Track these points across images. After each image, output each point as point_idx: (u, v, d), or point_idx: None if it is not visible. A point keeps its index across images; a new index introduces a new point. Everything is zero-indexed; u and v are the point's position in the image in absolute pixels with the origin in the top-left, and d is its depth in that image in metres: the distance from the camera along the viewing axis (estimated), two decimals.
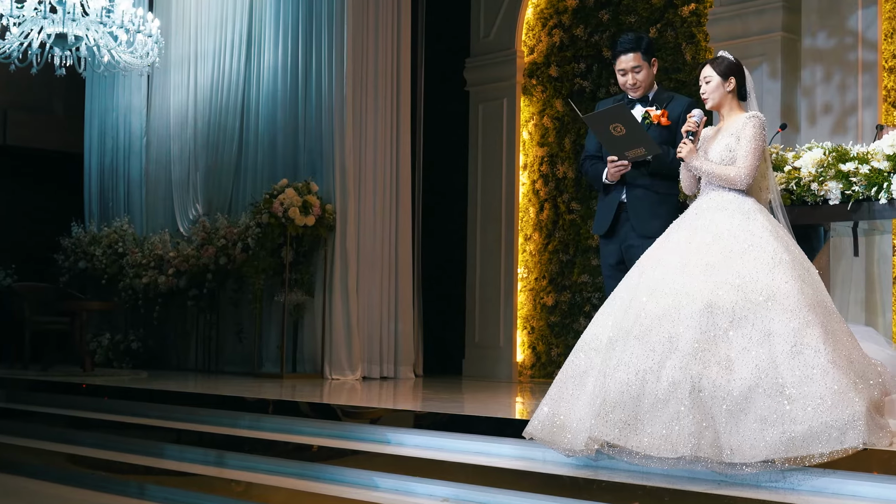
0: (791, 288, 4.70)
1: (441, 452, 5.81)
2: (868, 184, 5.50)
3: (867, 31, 8.57)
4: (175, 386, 9.02)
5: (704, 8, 9.87)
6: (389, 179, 10.76)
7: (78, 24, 9.92)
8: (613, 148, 5.78)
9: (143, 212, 13.06)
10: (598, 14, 10.81)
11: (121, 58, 10.32)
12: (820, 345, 4.55)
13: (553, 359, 10.73)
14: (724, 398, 4.49)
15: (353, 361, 10.20)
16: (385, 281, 10.64)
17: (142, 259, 12.21)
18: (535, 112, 11.32)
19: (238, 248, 10.93)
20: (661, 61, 9.87)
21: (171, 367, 12.19)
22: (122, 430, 7.73)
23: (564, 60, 11.07)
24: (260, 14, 11.54)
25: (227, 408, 7.60)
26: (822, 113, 8.66)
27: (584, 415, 4.82)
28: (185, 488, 6.37)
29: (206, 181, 12.18)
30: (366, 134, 10.56)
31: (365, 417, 6.72)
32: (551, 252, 11.03)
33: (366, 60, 10.60)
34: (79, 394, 9.12)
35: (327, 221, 10.29)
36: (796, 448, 4.35)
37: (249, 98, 11.65)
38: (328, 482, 5.94)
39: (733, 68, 5.31)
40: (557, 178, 11.01)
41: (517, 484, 5.10)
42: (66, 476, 7.11)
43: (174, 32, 12.63)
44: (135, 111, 13.21)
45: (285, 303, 10.42)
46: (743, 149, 5.13)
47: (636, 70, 5.94)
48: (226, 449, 6.74)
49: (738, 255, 4.85)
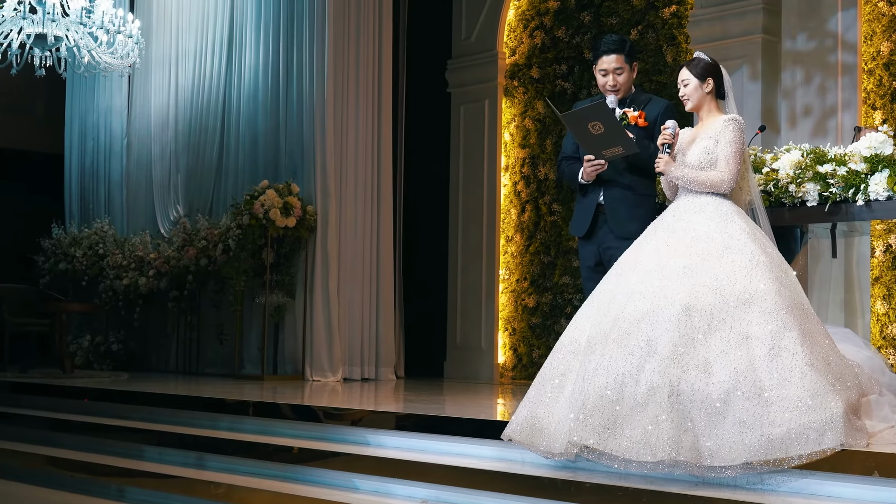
0: (769, 290, 4.70)
1: (421, 454, 5.80)
2: (845, 185, 5.53)
3: (847, 34, 8.59)
4: (155, 388, 8.98)
5: (685, 10, 9.90)
6: (371, 181, 10.74)
7: (58, 24, 9.89)
8: (590, 147, 5.75)
9: (123, 213, 13.02)
10: (580, 16, 10.83)
11: (101, 58, 10.28)
12: (798, 347, 4.56)
13: (534, 360, 10.74)
14: (702, 401, 4.49)
15: (334, 363, 10.19)
16: (366, 282, 10.62)
17: (122, 260, 12.17)
18: (516, 114, 11.33)
19: (219, 250, 10.90)
20: (642, 63, 9.92)
21: (151, 369, 12.16)
22: (103, 432, 7.70)
23: (546, 62, 11.08)
24: (241, 15, 11.53)
25: (208, 410, 7.58)
26: (802, 115, 8.69)
27: (562, 417, 4.81)
28: (165, 490, 6.34)
29: (187, 182, 12.16)
30: (347, 135, 10.55)
31: (345, 419, 6.71)
32: (532, 253, 11.04)
33: (347, 62, 10.59)
34: (59, 396, 9.10)
35: (308, 223, 10.28)
36: (775, 450, 4.35)
37: (230, 99, 11.64)
38: (308, 484, 5.93)
39: (710, 69, 5.31)
40: (539, 180, 11.03)
41: (496, 485, 5.10)
42: (46, 478, 7.07)
43: (155, 33, 12.61)
44: (115, 112, 13.18)
45: (266, 304, 10.41)
46: (724, 153, 5.12)
47: (618, 72, 5.94)
48: (206, 451, 6.72)
49: (716, 257, 4.85)
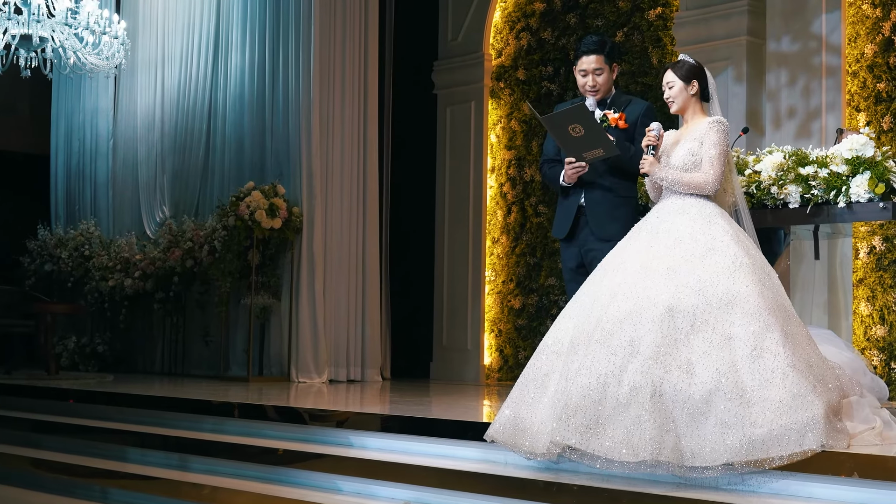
0: (751, 291, 4.71)
1: (404, 455, 5.80)
2: (827, 187, 5.55)
3: (831, 36, 8.62)
4: (140, 389, 8.96)
5: (671, 12, 9.92)
6: (357, 182, 10.73)
7: (43, 25, 9.87)
8: (571, 149, 5.75)
9: (109, 214, 13.00)
10: (566, 17, 10.85)
11: (87, 59, 10.27)
12: (780, 348, 4.57)
13: (520, 361, 10.73)
14: (685, 402, 4.50)
15: (320, 364, 10.18)
16: (352, 283, 10.61)
17: (108, 262, 12.15)
18: (502, 115, 11.34)
19: (205, 251, 10.88)
20: (627, 65, 9.94)
21: (137, 371, 12.14)
22: (87, 433, 7.67)
23: (532, 63, 11.09)
24: (227, 16, 11.52)
25: (193, 411, 7.56)
26: (786, 117, 8.71)
27: (545, 418, 4.82)
28: (148, 492, 6.32)
29: (172, 183, 12.15)
30: (333, 136, 10.54)
31: (331, 421, 6.70)
32: (518, 255, 11.05)
33: (333, 63, 10.58)
34: (43, 397, 9.07)
35: (294, 224, 10.27)
36: (756, 451, 4.36)
37: (216, 100, 11.62)
38: (292, 485, 5.92)
39: (694, 71, 5.32)
40: (525, 182, 11.03)
41: (479, 487, 5.10)
42: (29, 480, 7.05)
43: (141, 34, 12.58)
44: (101, 113, 13.15)
45: (252, 306, 10.40)
46: (708, 154, 5.13)
47: (597, 72, 5.94)
48: (191, 452, 6.70)
49: (699, 258, 4.86)
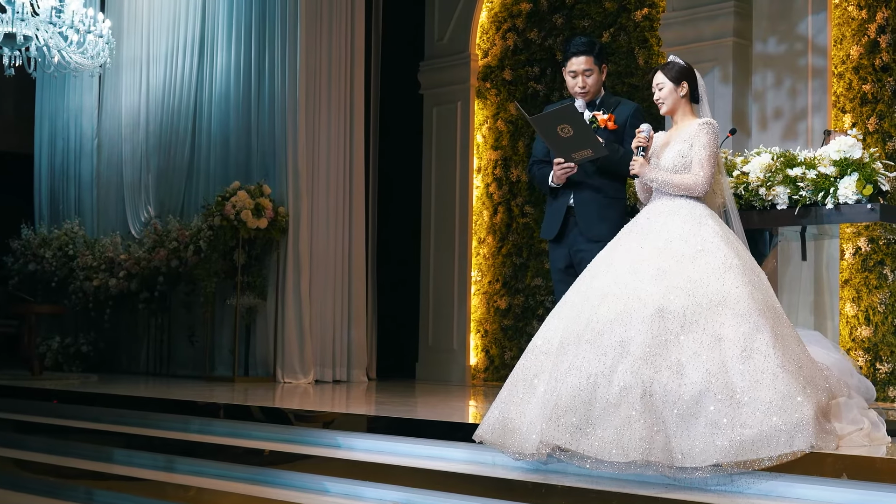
0: (741, 293, 4.72)
1: (391, 456, 5.79)
2: (815, 189, 5.55)
3: (817, 37, 8.64)
4: (125, 390, 8.92)
5: (657, 13, 9.93)
6: (343, 182, 10.71)
7: (27, 23, 9.82)
8: (560, 150, 5.75)
9: (94, 214, 12.95)
10: (552, 18, 10.84)
11: (71, 58, 10.22)
12: (770, 349, 4.57)
13: (506, 362, 10.73)
14: (675, 402, 4.49)
15: (306, 365, 10.16)
16: (338, 284, 10.59)
17: (92, 261, 12.10)
18: (488, 115, 11.33)
19: (190, 251, 10.84)
20: (614, 65, 9.94)
21: (121, 371, 12.09)
22: (71, 434, 7.62)
23: (518, 64, 11.09)
24: (212, 15, 11.48)
25: (178, 412, 7.53)
26: (772, 118, 8.72)
27: (534, 418, 4.81)
28: (134, 493, 6.29)
29: (157, 183, 12.10)
30: (319, 136, 10.52)
31: (317, 421, 6.68)
32: (505, 255, 11.04)
33: (319, 62, 10.56)
34: (27, 398, 9.02)
35: (280, 224, 10.24)
36: (746, 452, 4.36)
37: (202, 100, 11.59)
38: (279, 487, 5.90)
39: (685, 73, 5.32)
40: (511, 182, 11.03)
41: (467, 488, 5.09)
42: (13, 481, 7.00)
43: (126, 33, 12.54)
44: (86, 112, 13.10)
45: (237, 306, 10.36)
46: (698, 156, 5.14)
47: (587, 73, 5.94)
48: (176, 454, 6.67)
49: (690, 259, 4.87)
